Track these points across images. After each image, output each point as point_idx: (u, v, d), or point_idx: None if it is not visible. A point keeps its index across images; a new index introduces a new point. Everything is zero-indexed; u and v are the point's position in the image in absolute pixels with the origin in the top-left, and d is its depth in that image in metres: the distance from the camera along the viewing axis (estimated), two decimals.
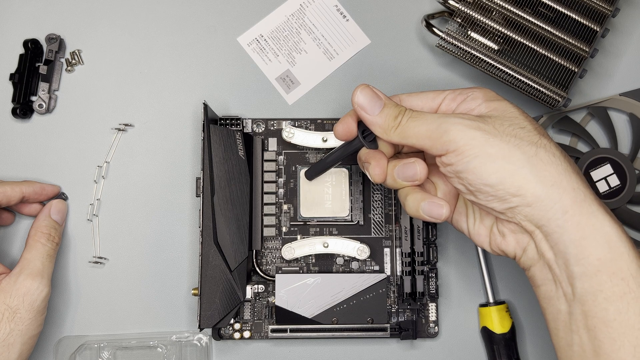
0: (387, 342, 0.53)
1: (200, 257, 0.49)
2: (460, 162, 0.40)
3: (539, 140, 0.40)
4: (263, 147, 0.54)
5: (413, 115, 0.42)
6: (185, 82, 0.56)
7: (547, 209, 0.39)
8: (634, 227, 0.54)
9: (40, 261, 0.49)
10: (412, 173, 0.43)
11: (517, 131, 0.40)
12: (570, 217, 0.38)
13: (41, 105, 0.55)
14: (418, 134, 0.41)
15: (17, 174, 0.55)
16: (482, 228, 0.44)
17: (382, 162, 0.45)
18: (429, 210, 0.43)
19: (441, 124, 0.40)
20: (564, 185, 0.39)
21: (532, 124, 0.41)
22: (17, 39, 0.56)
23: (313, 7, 0.58)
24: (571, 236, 0.38)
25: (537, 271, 0.41)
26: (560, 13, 0.53)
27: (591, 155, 0.54)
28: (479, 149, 0.39)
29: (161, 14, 0.57)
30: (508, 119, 0.41)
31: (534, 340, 0.53)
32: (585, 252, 0.38)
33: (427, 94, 0.45)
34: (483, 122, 0.40)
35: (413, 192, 0.44)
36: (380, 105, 0.43)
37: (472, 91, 0.43)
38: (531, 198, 0.39)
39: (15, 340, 0.47)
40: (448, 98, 0.44)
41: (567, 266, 0.39)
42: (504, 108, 0.42)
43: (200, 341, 0.53)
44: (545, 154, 0.39)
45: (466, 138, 0.39)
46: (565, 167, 0.39)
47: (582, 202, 0.38)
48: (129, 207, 0.55)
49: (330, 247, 0.52)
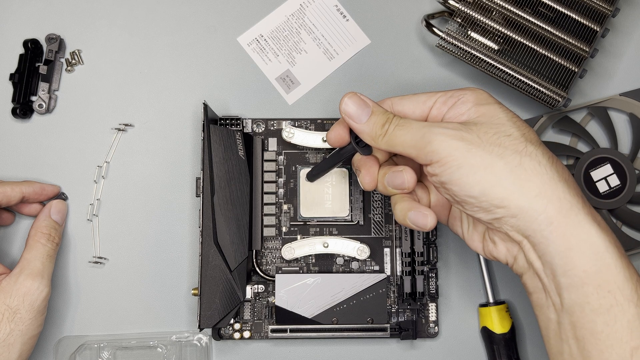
0: (387, 342, 0.53)
1: (200, 257, 0.49)
2: (443, 172, 0.39)
3: (524, 149, 0.39)
4: (263, 147, 0.54)
5: (400, 123, 0.42)
6: (185, 82, 0.56)
7: (531, 220, 0.38)
8: (634, 227, 0.54)
9: (40, 261, 0.49)
10: (400, 181, 0.43)
11: (501, 140, 0.39)
12: (555, 228, 0.38)
13: (41, 105, 0.55)
14: (404, 142, 0.41)
15: (17, 174, 0.55)
16: (476, 234, 0.44)
17: (372, 169, 0.45)
18: (415, 220, 0.43)
19: (425, 134, 0.40)
20: (548, 195, 0.38)
21: (519, 130, 0.40)
22: (17, 39, 0.56)
23: (313, 7, 0.58)
24: (557, 247, 0.38)
25: (528, 279, 0.41)
26: (560, 13, 0.53)
27: (591, 155, 0.54)
28: (462, 160, 0.39)
29: (161, 14, 0.57)
30: (494, 126, 0.40)
31: (534, 340, 0.53)
32: (571, 264, 0.37)
33: (418, 97, 0.44)
34: (467, 131, 0.39)
35: (402, 200, 0.44)
36: (368, 113, 0.43)
37: (464, 93, 0.42)
38: (515, 209, 0.38)
39: (15, 340, 0.47)
40: (439, 101, 0.43)
41: (554, 277, 0.38)
42: (492, 113, 0.41)
43: (200, 341, 0.53)
44: (530, 162, 0.38)
45: (449, 149, 0.39)
46: (551, 176, 0.38)
47: (568, 212, 0.38)
48: (129, 207, 0.55)
49: (330, 247, 0.52)
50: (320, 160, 0.54)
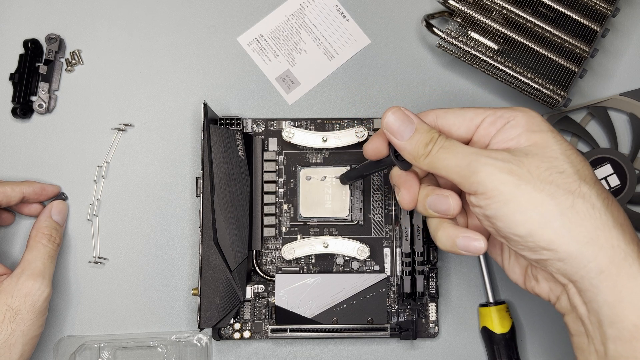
0: (387, 342, 0.53)
1: (200, 257, 0.49)
2: (489, 206, 0.37)
3: (578, 189, 0.36)
4: (263, 147, 0.54)
5: (445, 145, 0.39)
6: (185, 82, 0.56)
7: (580, 267, 0.36)
8: (634, 227, 0.54)
9: (41, 262, 0.49)
10: (445, 208, 0.41)
11: (554, 177, 0.36)
12: (605, 277, 0.35)
13: (41, 105, 0.55)
14: (447, 167, 0.38)
15: (17, 174, 0.55)
16: (517, 267, 0.42)
17: (412, 189, 0.42)
18: (466, 246, 0.40)
19: (471, 162, 0.37)
20: (601, 243, 0.36)
21: (573, 166, 0.37)
22: (17, 39, 0.56)
23: (313, 7, 0.58)
24: (606, 297, 0.35)
25: (571, 321, 0.39)
26: (560, 13, 0.53)
27: (591, 155, 0.54)
28: (509, 196, 0.36)
29: (161, 14, 0.57)
30: (547, 160, 0.37)
31: (534, 340, 0.53)
32: (620, 316, 0.35)
33: (465, 112, 0.41)
34: (517, 164, 0.37)
35: (446, 227, 0.41)
36: (412, 130, 0.40)
37: (515, 115, 0.40)
38: (563, 254, 0.36)
39: (16, 341, 0.47)
40: (487, 121, 0.40)
41: (600, 326, 0.36)
42: (545, 144, 0.38)
43: (200, 341, 0.53)
44: (583, 205, 0.36)
45: (496, 182, 0.36)
46: (605, 221, 0.36)
47: (621, 262, 0.35)
48: (129, 207, 0.55)
49: (330, 247, 0.52)
50: (320, 160, 0.54)
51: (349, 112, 0.56)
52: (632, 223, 0.53)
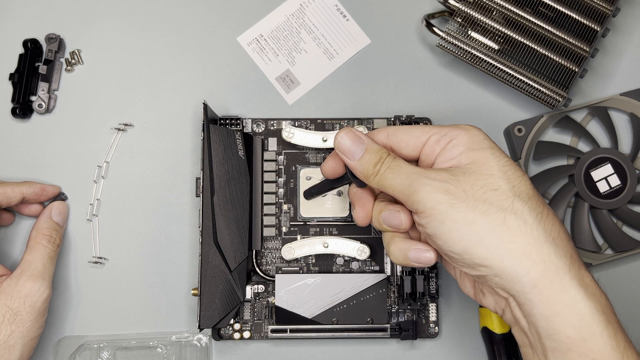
0: (387, 342, 0.53)
1: (200, 257, 0.49)
2: (428, 225, 0.38)
3: (510, 205, 0.37)
4: (263, 147, 0.54)
5: (391, 165, 0.41)
6: (185, 82, 0.56)
7: (515, 282, 0.37)
8: (635, 227, 0.54)
9: (41, 263, 0.49)
10: (397, 222, 0.42)
11: (488, 194, 0.38)
12: (539, 291, 0.36)
13: (41, 105, 0.55)
14: (393, 186, 0.40)
15: (17, 174, 0.55)
16: (467, 280, 0.43)
17: (366, 206, 0.44)
18: (417, 258, 0.41)
19: (412, 182, 0.39)
20: (533, 258, 0.37)
21: (508, 182, 0.38)
22: (17, 39, 0.56)
23: (313, 6, 0.58)
24: (541, 311, 0.37)
25: (516, 333, 0.40)
26: (560, 13, 0.53)
27: (591, 155, 0.54)
28: (445, 215, 0.37)
29: (161, 13, 0.57)
30: (482, 178, 0.38)
31: None
32: (555, 329, 0.36)
33: (414, 130, 0.42)
34: (453, 183, 0.38)
35: (398, 241, 0.43)
36: (362, 150, 0.42)
37: (457, 134, 0.41)
38: (497, 270, 0.37)
39: (16, 342, 0.46)
40: (432, 139, 0.41)
41: (539, 338, 0.37)
42: (483, 161, 0.39)
43: (200, 341, 0.53)
44: (515, 221, 0.37)
45: (433, 202, 0.38)
46: (536, 237, 0.37)
47: (553, 276, 0.36)
48: (129, 207, 0.55)
49: (330, 247, 0.52)
50: (320, 160, 0.54)
51: (349, 112, 0.56)
52: (632, 223, 0.54)
